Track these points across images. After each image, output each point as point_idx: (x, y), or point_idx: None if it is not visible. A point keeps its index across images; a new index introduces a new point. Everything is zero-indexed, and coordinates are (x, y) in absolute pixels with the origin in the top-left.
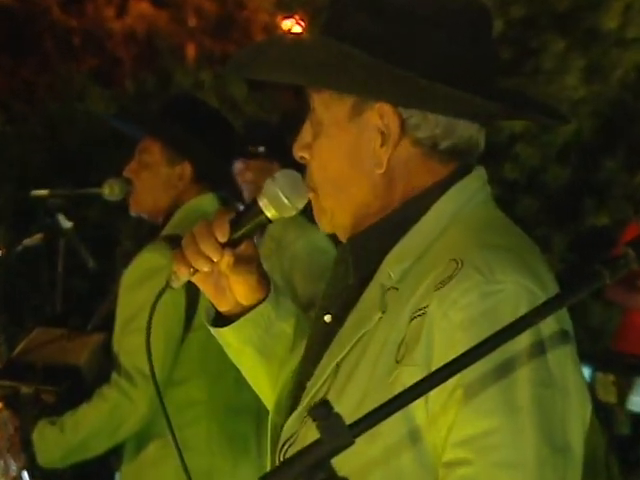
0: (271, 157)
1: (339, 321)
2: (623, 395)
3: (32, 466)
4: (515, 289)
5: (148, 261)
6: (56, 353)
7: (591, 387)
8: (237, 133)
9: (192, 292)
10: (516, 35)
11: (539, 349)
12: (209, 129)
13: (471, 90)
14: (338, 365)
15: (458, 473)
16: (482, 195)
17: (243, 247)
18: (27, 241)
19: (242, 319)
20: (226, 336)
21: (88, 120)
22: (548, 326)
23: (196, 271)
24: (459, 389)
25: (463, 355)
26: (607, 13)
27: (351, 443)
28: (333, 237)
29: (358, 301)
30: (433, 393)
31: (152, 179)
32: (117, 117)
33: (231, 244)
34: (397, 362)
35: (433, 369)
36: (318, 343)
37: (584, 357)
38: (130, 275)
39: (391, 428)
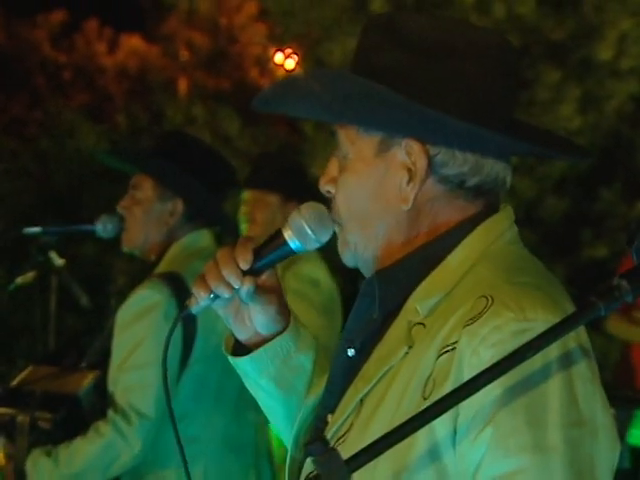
0: (267, 189)
1: (362, 355)
2: (624, 429)
3: None
4: (544, 328)
5: (143, 298)
6: (54, 383)
7: None
8: (232, 168)
9: (189, 328)
10: None
11: (569, 387)
12: (201, 165)
13: (500, 128)
14: (362, 400)
15: None
16: (510, 234)
17: (265, 277)
18: (19, 279)
19: (261, 349)
20: (244, 366)
21: (79, 156)
22: (577, 363)
23: (217, 297)
24: (488, 427)
25: (470, 381)
26: (602, 43)
27: (348, 478)
28: (345, 271)
29: (383, 336)
30: (461, 431)
31: (144, 215)
32: (109, 154)
33: (253, 272)
34: (424, 398)
35: (461, 408)
36: (341, 377)
37: None
38: (125, 312)
39: (417, 467)
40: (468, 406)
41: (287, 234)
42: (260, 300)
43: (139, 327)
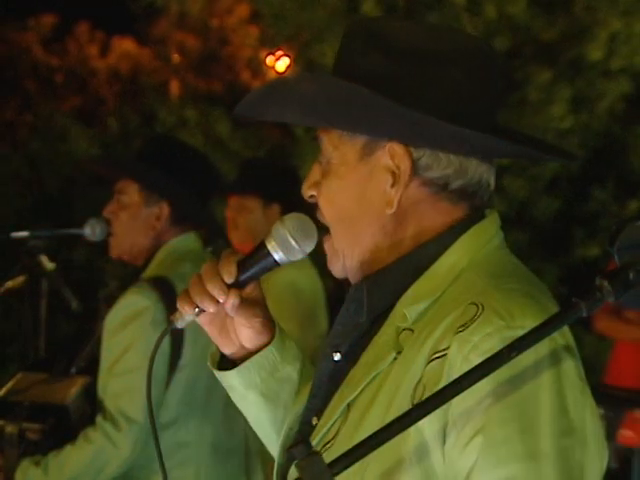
0: (247, 193)
1: (349, 360)
2: (613, 429)
3: None
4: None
5: (131, 304)
6: (42, 392)
7: None
8: (217, 170)
9: (177, 332)
10: None
11: (559, 395)
12: (186, 169)
13: (484, 130)
14: (349, 405)
15: None
16: (497, 240)
17: (249, 289)
18: (9, 283)
19: (246, 363)
20: (230, 379)
21: (71, 160)
22: (568, 370)
23: (201, 311)
24: (479, 435)
25: (456, 381)
26: (592, 43)
27: None
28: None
29: (371, 341)
30: (451, 436)
31: (130, 220)
32: (94, 161)
33: (238, 285)
34: (413, 404)
35: (450, 413)
36: (326, 381)
37: None
38: (113, 318)
39: (405, 468)
40: (456, 410)
41: (270, 246)
42: (245, 313)
43: (127, 332)
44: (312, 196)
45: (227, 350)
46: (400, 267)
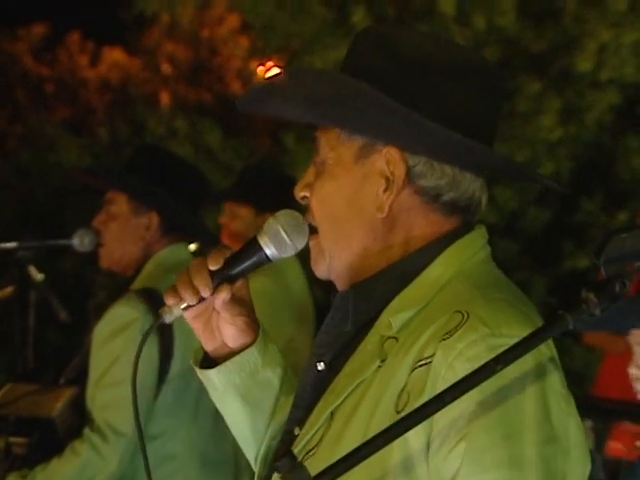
0: (240, 201)
1: (332, 369)
2: (601, 441)
3: None
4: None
5: (120, 315)
6: (28, 406)
7: None
8: (206, 180)
9: (166, 343)
10: None
11: (543, 403)
12: (175, 178)
13: (481, 142)
14: (332, 413)
15: None
16: (484, 253)
17: (238, 285)
18: None
19: (228, 362)
20: (211, 378)
21: (60, 170)
22: (551, 379)
23: (189, 306)
24: (462, 442)
25: (443, 393)
26: (581, 54)
27: None
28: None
29: (355, 349)
30: (435, 444)
31: (120, 230)
32: (83, 172)
33: (228, 280)
34: (397, 412)
35: (435, 421)
36: (310, 391)
37: None
38: (102, 329)
39: (391, 479)
40: (442, 419)
41: (263, 240)
42: (231, 310)
43: (115, 344)
44: (304, 197)
45: (210, 347)
46: (387, 276)
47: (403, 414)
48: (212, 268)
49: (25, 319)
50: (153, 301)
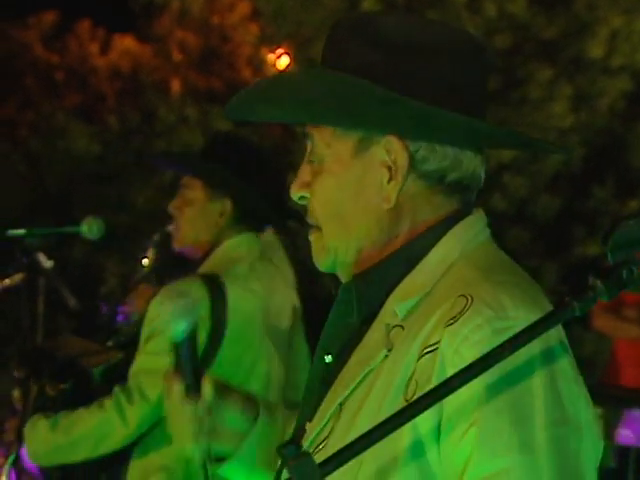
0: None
1: (340, 361)
2: (611, 428)
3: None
4: (526, 325)
5: (180, 293)
6: (79, 354)
7: None
8: (281, 170)
9: (217, 330)
10: (502, 65)
11: (552, 385)
12: (249, 167)
13: (477, 118)
14: (341, 405)
15: None
16: (484, 235)
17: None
18: (7, 281)
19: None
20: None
21: (70, 157)
22: (560, 361)
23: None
24: (473, 427)
25: (451, 378)
26: (593, 41)
27: None
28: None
29: (362, 340)
30: (445, 430)
31: (194, 215)
32: (161, 155)
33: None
34: (407, 401)
35: (445, 407)
36: (319, 384)
37: None
38: (158, 303)
39: (401, 465)
40: (451, 404)
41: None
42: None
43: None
44: (302, 197)
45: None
46: (389, 264)
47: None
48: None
49: (34, 306)
50: (214, 288)
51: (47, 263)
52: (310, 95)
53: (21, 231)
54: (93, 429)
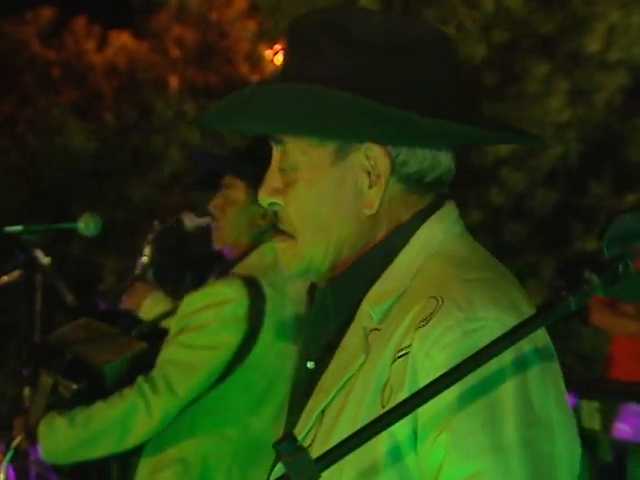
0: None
1: (322, 366)
2: (608, 422)
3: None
4: (496, 326)
5: (219, 292)
6: (88, 349)
7: (576, 414)
8: None
9: (253, 327)
10: (499, 60)
11: (522, 387)
12: None
13: (458, 118)
14: (323, 411)
15: None
16: (458, 227)
17: None
18: (4, 278)
19: None
20: None
21: (68, 154)
22: (531, 363)
23: None
24: (444, 432)
25: (427, 386)
26: (590, 35)
27: (318, 477)
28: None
29: (340, 344)
30: (421, 435)
31: (236, 216)
32: (205, 155)
33: None
34: (383, 406)
35: (419, 414)
36: (302, 391)
37: (569, 384)
38: (196, 301)
39: (380, 469)
40: (425, 412)
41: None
42: None
43: (207, 314)
44: (273, 203)
45: None
46: (364, 265)
47: (388, 408)
48: None
49: (32, 303)
50: (253, 290)
51: (44, 260)
52: (290, 107)
53: (18, 228)
54: (116, 421)
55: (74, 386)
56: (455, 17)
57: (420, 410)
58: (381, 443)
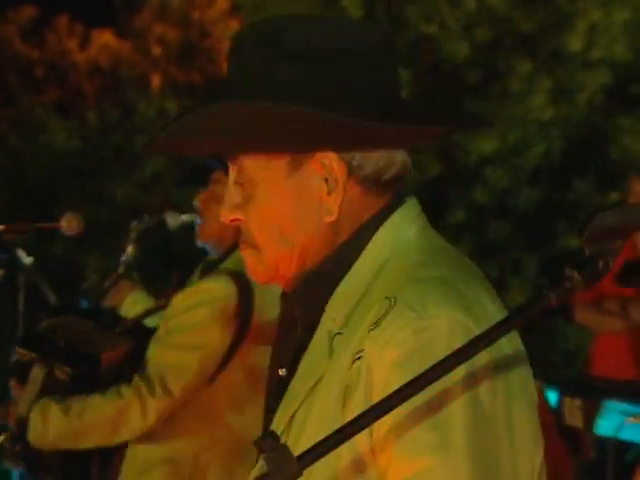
0: None
1: (293, 373)
2: (590, 419)
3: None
4: (448, 324)
5: (210, 290)
6: (81, 339)
7: (558, 412)
8: None
9: (242, 323)
10: (482, 58)
11: (471, 384)
12: None
13: (406, 117)
14: (292, 417)
15: None
16: (420, 222)
17: None
18: None
19: None
20: None
21: (51, 152)
22: (481, 358)
23: None
24: (392, 431)
25: (398, 391)
26: (572, 34)
27: (299, 475)
28: None
29: (307, 349)
30: (377, 450)
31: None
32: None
33: None
34: (343, 407)
35: (375, 426)
36: (275, 398)
37: (551, 382)
38: (186, 299)
39: (346, 477)
40: (381, 425)
41: None
42: None
43: (198, 313)
44: (234, 219)
45: None
46: (326, 269)
47: (346, 409)
48: None
49: (14, 303)
50: (242, 285)
51: (27, 259)
52: (233, 127)
53: (0, 227)
54: (109, 417)
55: (69, 370)
56: (438, 15)
57: (376, 426)
58: (343, 454)
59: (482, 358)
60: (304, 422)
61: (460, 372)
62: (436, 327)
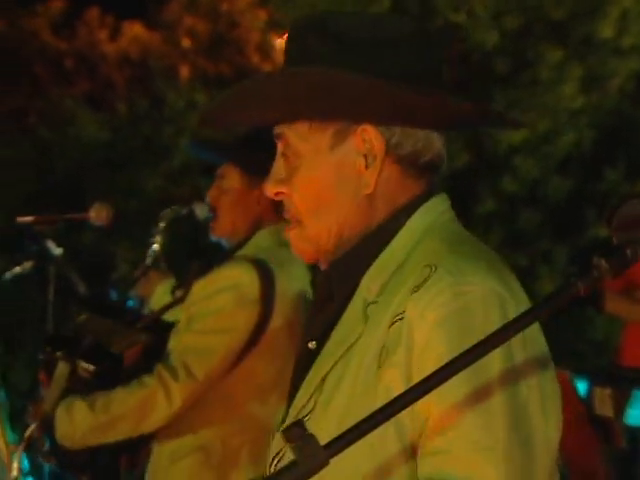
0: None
1: (323, 344)
2: (620, 408)
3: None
4: (484, 291)
5: (230, 276)
6: (104, 338)
7: (588, 401)
8: None
9: (265, 309)
10: (511, 46)
11: (510, 377)
12: None
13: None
14: (323, 380)
15: (435, 459)
16: (449, 214)
17: None
18: (17, 269)
19: None
20: None
21: (80, 144)
22: (520, 352)
23: None
24: (434, 403)
25: (437, 371)
26: (603, 21)
27: (326, 464)
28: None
29: (340, 319)
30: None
31: (232, 203)
32: (196, 145)
33: None
34: (379, 367)
35: (413, 369)
36: (304, 369)
37: (580, 372)
38: (207, 286)
39: (384, 444)
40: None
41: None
42: None
43: (221, 298)
44: (279, 193)
45: None
46: (365, 245)
47: (382, 369)
48: None
49: (44, 294)
50: (263, 271)
51: (57, 250)
52: (290, 91)
53: (30, 219)
54: (135, 406)
55: (93, 367)
56: (466, 4)
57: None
58: (390, 432)
59: (519, 354)
60: (337, 384)
61: (497, 365)
62: (473, 292)
